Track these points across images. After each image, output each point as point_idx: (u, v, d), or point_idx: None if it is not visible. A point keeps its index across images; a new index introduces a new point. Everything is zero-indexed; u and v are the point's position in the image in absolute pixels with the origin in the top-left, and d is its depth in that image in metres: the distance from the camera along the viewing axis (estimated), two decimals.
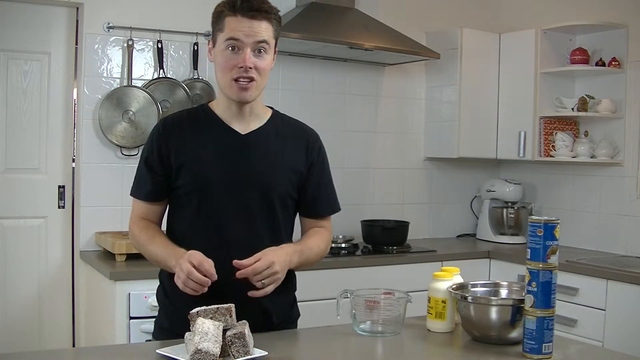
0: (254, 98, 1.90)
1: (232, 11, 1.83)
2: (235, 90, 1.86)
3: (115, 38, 3.40)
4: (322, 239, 2.03)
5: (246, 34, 1.82)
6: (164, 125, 1.96)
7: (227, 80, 1.86)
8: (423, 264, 3.55)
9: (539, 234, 1.69)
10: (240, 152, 1.92)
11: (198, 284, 1.73)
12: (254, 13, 1.82)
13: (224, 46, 1.84)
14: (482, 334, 1.84)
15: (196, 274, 1.72)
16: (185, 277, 1.73)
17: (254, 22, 1.82)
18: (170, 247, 1.87)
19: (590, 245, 3.92)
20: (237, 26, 1.82)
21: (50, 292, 3.39)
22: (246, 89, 1.86)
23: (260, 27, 1.83)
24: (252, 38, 1.83)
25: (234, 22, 1.83)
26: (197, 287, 1.73)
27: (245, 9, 1.82)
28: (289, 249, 1.88)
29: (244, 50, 1.83)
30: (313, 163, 2.01)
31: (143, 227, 1.96)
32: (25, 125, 3.35)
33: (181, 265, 1.74)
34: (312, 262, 2.01)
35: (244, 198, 1.90)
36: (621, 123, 3.80)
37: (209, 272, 1.73)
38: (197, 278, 1.72)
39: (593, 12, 3.90)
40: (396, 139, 4.22)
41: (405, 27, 3.89)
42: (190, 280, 1.72)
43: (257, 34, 1.83)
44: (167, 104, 3.50)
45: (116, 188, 3.37)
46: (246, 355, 1.59)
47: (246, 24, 1.82)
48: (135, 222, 1.98)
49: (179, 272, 1.75)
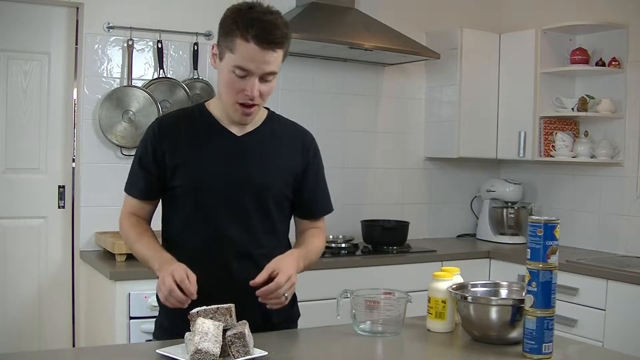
0: (253, 119, 1.91)
1: (245, 37, 1.74)
2: (238, 113, 1.86)
3: (115, 38, 3.39)
4: (320, 240, 2.05)
5: (257, 65, 1.76)
6: (159, 126, 1.95)
7: (231, 102, 1.85)
8: (423, 264, 3.54)
9: (539, 234, 1.69)
10: (236, 154, 1.92)
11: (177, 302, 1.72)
12: (269, 45, 1.75)
13: (231, 68, 1.78)
14: (482, 334, 1.84)
15: (177, 292, 1.71)
16: (167, 294, 1.72)
17: (267, 53, 1.76)
18: (155, 250, 1.87)
19: (590, 245, 3.92)
20: (248, 55, 1.75)
21: (50, 292, 3.39)
22: (248, 114, 1.86)
23: (272, 58, 1.77)
24: (262, 69, 1.77)
25: (245, 50, 1.75)
26: (177, 304, 1.73)
27: (259, 39, 1.74)
28: (295, 255, 1.88)
29: (252, 79, 1.78)
30: (308, 164, 2.01)
31: (133, 223, 1.97)
32: (25, 125, 3.35)
33: (164, 280, 1.73)
34: (313, 263, 2.02)
35: (239, 199, 1.90)
36: (621, 123, 3.80)
37: (188, 291, 1.71)
38: (177, 296, 1.71)
39: (593, 12, 3.90)
40: (396, 139, 4.22)
41: (405, 27, 3.89)
42: (171, 297, 1.72)
43: (269, 65, 1.77)
44: (167, 104, 3.50)
45: (116, 188, 3.30)
46: (246, 355, 1.59)
47: (258, 55, 1.75)
48: (125, 217, 2.00)
49: (161, 286, 1.74)
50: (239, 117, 1.87)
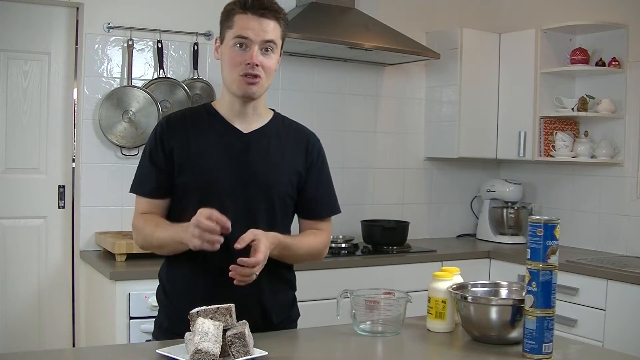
0: (259, 95, 1.91)
1: (243, 9, 1.86)
2: (242, 85, 1.87)
3: (115, 38, 3.40)
4: (317, 239, 2.02)
5: (255, 32, 1.85)
6: (167, 122, 1.97)
7: (234, 76, 1.88)
8: (423, 264, 3.55)
9: (539, 234, 1.69)
10: (242, 151, 1.92)
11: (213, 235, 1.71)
12: (264, 11, 1.86)
13: (232, 43, 1.87)
14: (482, 334, 1.84)
15: (205, 222, 1.70)
16: (200, 231, 1.71)
17: (263, 20, 1.86)
18: (178, 225, 1.85)
19: (590, 245, 3.92)
20: (247, 24, 1.85)
21: (50, 292, 3.39)
22: (252, 83, 1.87)
23: (269, 26, 1.87)
24: (260, 37, 1.85)
25: (243, 19, 1.86)
26: (212, 237, 1.71)
27: (255, 7, 1.85)
28: (277, 239, 1.86)
29: (252, 48, 1.85)
30: (312, 164, 2.01)
31: (147, 219, 1.94)
32: (25, 125, 3.35)
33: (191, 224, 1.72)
34: (297, 258, 1.99)
35: (244, 196, 1.90)
36: (621, 123, 3.80)
37: (220, 220, 1.71)
38: (207, 226, 1.70)
39: (593, 12, 3.90)
40: (396, 139, 4.22)
41: (405, 27, 3.88)
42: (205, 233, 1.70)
43: (266, 32, 1.86)
44: (167, 104, 3.50)
45: (116, 188, 3.37)
46: (246, 355, 1.59)
47: (255, 22, 1.85)
48: (137, 218, 1.96)
49: (193, 231, 1.72)
50: (244, 90, 1.88)
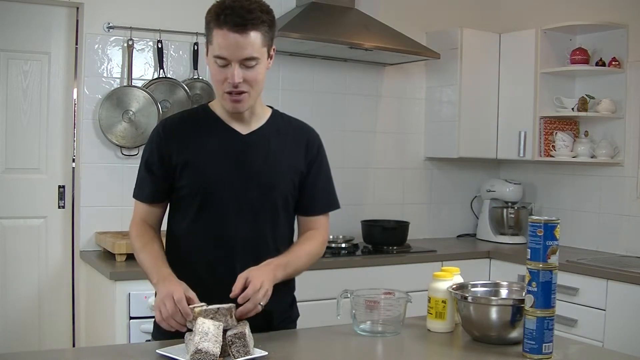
0: (247, 108, 1.89)
1: (218, 24, 1.76)
2: (228, 102, 1.86)
3: (115, 38, 3.40)
4: (313, 244, 2.00)
5: (231, 51, 1.76)
6: (164, 127, 1.96)
7: (220, 92, 1.86)
8: (423, 264, 3.54)
9: (539, 234, 1.69)
10: (242, 152, 1.92)
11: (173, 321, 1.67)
12: (239, 27, 1.74)
13: (212, 60, 1.80)
14: (482, 334, 1.84)
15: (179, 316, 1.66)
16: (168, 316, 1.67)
17: (240, 36, 1.75)
18: (156, 263, 1.85)
19: (590, 245, 3.92)
20: (223, 42, 1.75)
21: (50, 292, 3.39)
22: (238, 101, 1.85)
23: (247, 41, 1.75)
24: (238, 56, 1.76)
25: (220, 36, 1.76)
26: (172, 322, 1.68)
27: (230, 23, 1.74)
28: (273, 265, 1.84)
29: (232, 66, 1.78)
30: (312, 161, 2.01)
31: (140, 233, 1.94)
32: (25, 125, 3.35)
33: (164, 301, 1.68)
34: (301, 270, 1.98)
35: (246, 198, 1.90)
36: (621, 123, 3.80)
37: (185, 312, 1.65)
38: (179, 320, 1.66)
39: (593, 12, 3.90)
40: (396, 139, 4.22)
41: (405, 27, 3.88)
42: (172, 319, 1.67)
43: (244, 49, 1.76)
44: (167, 104, 3.50)
45: (116, 188, 3.37)
46: (246, 355, 1.59)
47: (232, 40, 1.75)
48: (134, 225, 1.97)
49: (161, 307, 1.68)
50: (231, 107, 1.86)
